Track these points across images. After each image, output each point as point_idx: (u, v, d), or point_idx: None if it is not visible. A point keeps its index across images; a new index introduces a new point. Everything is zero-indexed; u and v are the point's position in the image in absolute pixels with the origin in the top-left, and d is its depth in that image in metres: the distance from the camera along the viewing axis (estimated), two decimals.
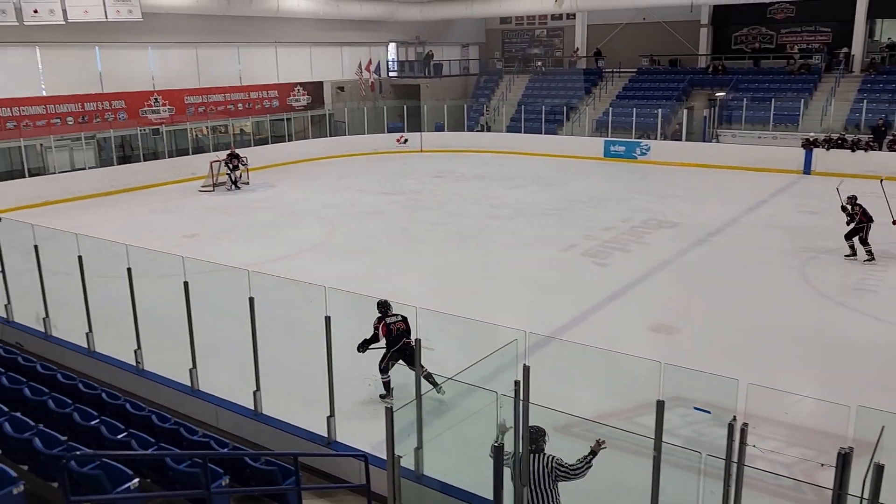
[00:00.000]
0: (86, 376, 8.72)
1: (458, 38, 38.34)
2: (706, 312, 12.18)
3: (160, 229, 18.44)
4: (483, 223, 18.58)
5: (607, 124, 29.37)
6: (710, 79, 30.25)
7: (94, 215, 20.10)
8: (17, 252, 11.40)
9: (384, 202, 21.51)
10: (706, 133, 27.75)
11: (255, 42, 29.51)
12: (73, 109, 23.81)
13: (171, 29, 26.17)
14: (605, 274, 14.34)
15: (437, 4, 34.90)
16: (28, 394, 7.02)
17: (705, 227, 17.61)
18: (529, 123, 31.32)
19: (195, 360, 8.57)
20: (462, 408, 6.68)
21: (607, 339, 10.45)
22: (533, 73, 35.53)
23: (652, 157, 27.59)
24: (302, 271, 11.71)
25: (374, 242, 17.18)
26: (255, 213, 20.40)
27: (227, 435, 7.52)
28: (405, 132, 32.19)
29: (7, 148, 22.35)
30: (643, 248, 16.02)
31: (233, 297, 8.65)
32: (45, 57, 23.52)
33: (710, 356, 10.16)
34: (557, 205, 20.66)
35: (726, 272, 14.34)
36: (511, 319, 11.07)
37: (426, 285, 13.63)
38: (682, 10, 30.71)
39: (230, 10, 26.86)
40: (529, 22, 37.88)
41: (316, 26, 31.25)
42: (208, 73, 28.16)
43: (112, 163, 24.52)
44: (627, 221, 18.31)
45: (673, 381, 5.51)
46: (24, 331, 10.75)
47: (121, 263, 9.14)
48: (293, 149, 29.82)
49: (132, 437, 6.22)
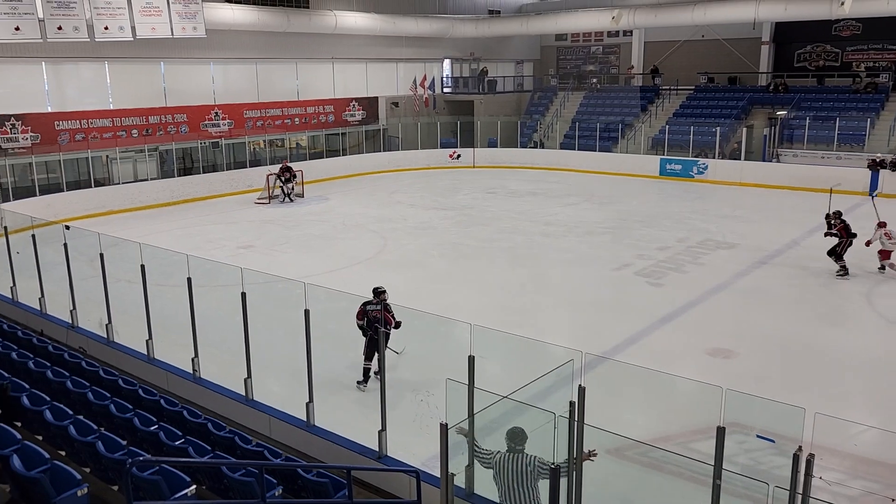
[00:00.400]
0: (145, 382, 8.94)
1: (513, 54, 38.42)
2: (765, 337, 11.84)
3: (218, 240, 18.85)
4: (535, 240, 18.48)
5: (663, 142, 28.99)
6: (770, 97, 29.62)
7: (155, 225, 20.68)
8: (82, 259, 11.78)
9: (436, 217, 21.58)
10: (766, 152, 27.14)
11: (313, 58, 30.09)
12: (137, 122, 24.61)
13: (233, 45, 26.88)
14: (660, 294, 14.09)
15: (492, 21, 35.07)
16: (91, 398, 7.23)
17: (765, 248, 17.18)
18: (583, 140, 31.12)
19: (250, 370, 8.70)
20: (514, 426, 6.63)
21: (661, 362, 10.26)
22: (588, 89, 35.33)
23: (709, 176, 27.10)
24: (353, 284, 11.78)
25: (425, 257, 17.24)
26: (309, 226, 20.69)
27: (279, 445, 7.60)
28: (458, 148, 32.32)
29: (75, 159, 23.20)
30: (700, 268, 15.70)
31: (287, 309, 8.77)
32: (113, 71, 24.40)
33: (769, 382, 9.87)
34: (611, 223, 20.42)
35: (787, 296, 13.94)
36: (562, 338, 10.98)
37: (477, 301, 13.60)
38: (742, 28, 30.18)
39: (290, 27, 27.47)
40: (585, 39, 37.74)
41: (372, 42, 31.70)
42: (267, 88, 28.81)
43: (173, 174, 25.22)
44: (683, 241, 17.98)
45: (732, 407, 5.37)
46: (87, 336, 11.07)
47: (179, 272, 9.36)
48: (347, 163, 30.23)
49: (189, 443, 6.33)
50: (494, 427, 7.36)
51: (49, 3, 18.29)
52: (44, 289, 12.09)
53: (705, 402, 6.26)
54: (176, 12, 20.46)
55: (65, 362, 8.77)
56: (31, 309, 12.25)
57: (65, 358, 8.94)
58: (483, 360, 6.67)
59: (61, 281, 11.60)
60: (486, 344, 9.00)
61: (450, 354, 8.89)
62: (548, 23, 34.23)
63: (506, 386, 5.92)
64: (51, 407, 6.62)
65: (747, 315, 12.97)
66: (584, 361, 5.99)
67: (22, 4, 17.76)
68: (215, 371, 9.45)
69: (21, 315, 12.22)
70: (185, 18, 20.80)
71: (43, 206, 19.98)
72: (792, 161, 26.34)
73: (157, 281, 10.18)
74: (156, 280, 10.16)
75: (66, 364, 8.69)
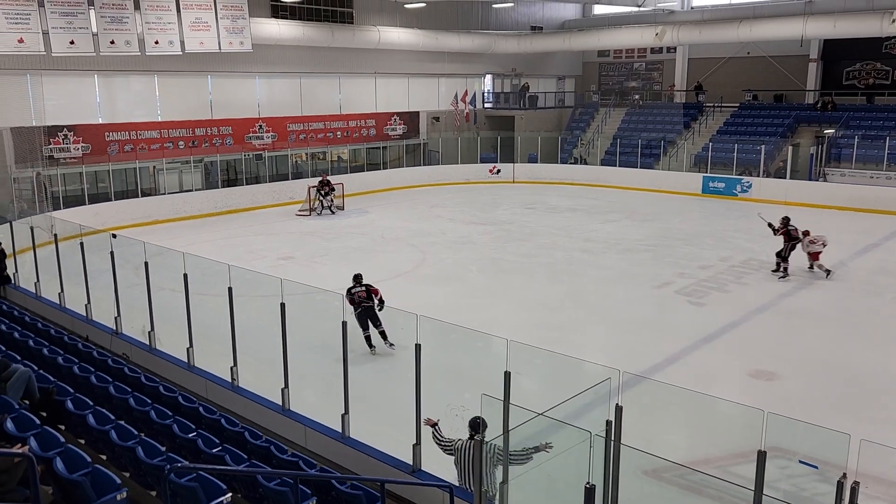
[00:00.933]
0: (185, 390, 9.07)
1: (555, 70, 38.39)
2: (809, 360, 11.55)
3: (259, 251, 19.12)
4: (574, 256, 18.36)
5: (706, 160, 28.62)
6: (818, 115, 29.04)
7: (198, 235, 21.06)
8: (128, 267, 12.05)
9: (475, 232, 21.59)
10: (812, 171, 26.59)
11: (356, 72, 30.47)
12: (184, 134, 25.17)
13: (278, 59, 27.37)
14: (701, 314, 13.86)
15: (534, 37, 35.13)
16: (133, 404, 7.36)
17: None
18: (624, 157, 30.88)
19: (287, 380, 8.77)
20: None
21: (702, 382, 10.08)
22: (630, 106, 35.11)
23: (753, 195, 26.64)
24: (392, 298, 11.84)
25: (463, 272, 17.24)
26: (349, 239, 20.86)
27: (314, 456, 7.64)
28: (498, 163, 32.35)
29: (124, 169, 23.81)
30: (743, 288, 15.41)
31: (325, 320, 8.83)
32: (162, 84, 25.03)
33: (813, 407, 9.62)
34: (652, 240, 20.19)
35: (832, 318, 13.60)
36: (600, 356, 10.85)
37: (515, 317, 13.54)
38: (789, 45, 29.70)
39: (334, 42, 27.90)
40: (628, 55, 37.54)
41: (414, 58, 31.99)
42: (310, 102, 29.24)
43: (217, 186, 25.71)
44: (726, 260, 17.68)
45: (774, 431, 5.24)
46: (130, 342, 11.29)
47: (220, 282, 9.50)
48: (387, 176, 30.47)
49: (226, 451, 6.41)
50: (532, 444, 7.31)
51: (103, 18, 18.86)
52: (90, 295, 12.38)
53: (746, 426, 6.13)
54: (224, 27, 20.93)
55: (108, 368, 8.96)
56: (77, 315, 12.56)
57: (108, 364, 9.13)
58: (519, 376, 6.63)
59: (107, 288, 11.87)
60: (523, 360, 8.94)
61: (486, 369, 8.86)
62: (590, 39, 34.15)
63: (541, 403, 5.86)
64: (94, 412, 6.76)
65: (791, 337, 12.68)
66: (621, 380, 5.91)
67: (77, 19, 18.35)
68: (253, 380, 9.55)
69: (68, 321, 12.53)
70: (233, 33, 21.25)
71: (91, 214, 20.51)
72: (840, 181, 25.76)
73: (199, 290, 10.35)
74: (198, 289, 10.33)
75: (109, 370, 8.88)
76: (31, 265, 14.25)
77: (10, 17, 17.38)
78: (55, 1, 18.01)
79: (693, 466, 7.31)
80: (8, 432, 5.63)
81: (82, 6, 18.41)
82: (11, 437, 5.56)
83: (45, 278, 13.86)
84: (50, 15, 17.96)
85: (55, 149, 22.05)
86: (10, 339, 9.35)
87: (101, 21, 18.87)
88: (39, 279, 13.96)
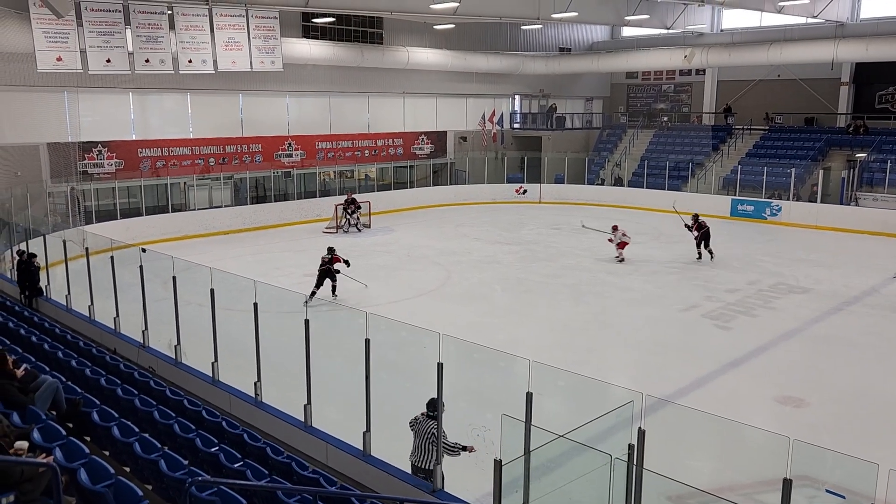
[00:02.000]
0: (209, 404, 9.13)
1: (583, 91, 38.41)
2: (839, 387, 11.34)
3: (285, 267, 19.28)
4: (599, 277, 18.25)
5: (735, 182, 28.35)
6: (849, 139, 28.68)
7: (226, 251, 21.30)
8: (156, 281, 12.21)
9: (500, 251, 21.57)
10: (844, 195, 26.22)
11: (385, 92, 30.77)
12: (215, 151, 25.57)
13: (308, 78, 27.74)
14: (728, 338, 13.67)
15: (562, 58, 35.22)
16: (157, 417, 7.43)
17: (840, 294, 16.52)
18: (652, 179, 30.72)
19: (310, 397, 8.80)
20: (570, 467, 6.50)
21: (728, 408, 9.92)
22: (658, 128, 34.97)
23: (783, 219, 26.32)
24: (415, 316, 11.86)
25: (488, 291, 17.22)
26: (374, 256, 20.95)
27: (334, 473, 7.63)
28: (524, 183, 32.35)
29: (155, 185, 24.21)
30: (771, 313, 15.19)
31: (348, 337, 8.86)
32: (194, 102, 25.50)
33: (842, 435, 9.43)
34: (679, 263, 20.01)
35: (863, 344, 13.34)
36: (624, 378, 10.76)
37: (539, 337, 13.48)
38: (820, 68, 29.42)
39: (363, 62, 28.23)
40: (656, 77, 37.44)
41: (442, 78, 32.23)
42: (339, 120, 29.57)
43: (246, 202, 26.02)
44: (754, 284, 17.46)
45: (801, 459, 5.14)
46: (157, 356, 11.42)
47: (246, 297, 9.58)
48: (414, 195, 30.61)
49: (248, 467, 6.43)
50: (551, 466, 7.25)
51: (139, 37, 19.28)
52: (119, 309, 12.56)
53: (773, 453, 6.01)
54: (256, 47, 21.26)
55: (134, 381, 9.06)
56: (106, 328, 12.73)
57: (135, 376, 9.23)
58: (541, 396, 6.59)
59: (135, 302, 12.04)
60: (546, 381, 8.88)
61: (508, 390, 8.82)
62: (619, 61, 34.17)
63: (563, 424, 5.82)
64: (118, 424, 6.83)
65: (820, 363, 12.47)
66: (644, 404, 5.85)
67: (114, 38, 18.78)
68: (276, 396, 9.59)
69: (96, 333, 12.70)
70: (265, 53, 21.58)
71: (122, 229, 20.86)
72: (872, 205, 25.37)
73: (225, 305, 10.46)
74: (225, 304, 10.43)
75: (135, 383, 8.97)
76: (63, 278, 14.51)
77: (50, 36, 17.84)
78: (93, 20, 18.46)
79: (718, 494, 7.18)
80: (34, 442, 5.71)
81: (119, 25, 18.85)
82: (38, 447, 5.63)
83: (75, 291, 14.10)
84: (88, 34, 18.40)
85: (89, 164, 22.51)
86: (40, 350, 9.50)
87: (136, 40, 19.29)
88: (70, 292, 14.20)
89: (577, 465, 5.55)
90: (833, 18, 27.25)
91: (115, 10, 18.75)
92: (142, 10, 19.19)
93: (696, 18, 30.73)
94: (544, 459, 7.20)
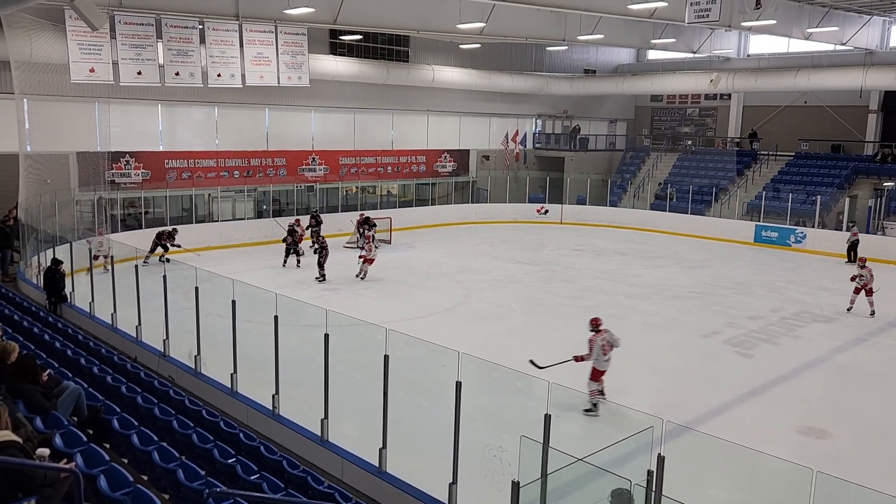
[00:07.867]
0: (227, 415, 9.17)
1: (607, 113, 38.42)
2: (863, 418, 11.14)
3: (305, 280, 19.36)
4: (619, 301, 18.12)
5: (759, 208, 28.11)
6: (877, 167, 28.37)
7: (247, 263, 21.44)
8: (178, 291, 12.34)
9: (520, 271, 21.53)
10: (871, 224, 25.90)
11: (409, 109, 30.98)
12: (240, 164, 25.84)
13: (334, 95, 28.01)
14: (750, 365, 13.50)
15: (587, 80, 35.28)
16: (176, 426, 7.47)
17: (866, 324, 16.28)
18: (675, 202, 30.57)
19: (327, 411, 8.81)
20: (587, 491, 6.44)
21: (748, 437, 9.77)
22: (682, 151, 34.84)
23: (807, 246, 26.02)
24: (434, 333, 11.84)
25: (506, 311, 17.16)
26: (394, 272, 20.98)
27: (350, 489, 7.62)
28: (546, 203, 32.33)
29: (180, 196, 24.50)
30: (794, 341, 14.99)
31: (366, 352, 8.88)
32: (221, 115, 25.82)
33: (865, 467, 9.26)
34: (700, 288, 19.84)
35: (889, 376, 13.12)
36: (643, 404, 10.65)
37: (557, 359, 13.37)
38: (848, 95, 29.23)
39: (389, 79, 28.49)
40: (681, 100, 37.37)
41: (467, 97, 32.40)
42: (363, 137, 29.80)
43: (269, 215, 26.22)
44: (777, 312, 17.25)
45: (823, 492, 5.06)
46: (177, 366, 11.50)
47: (266, 309, 9.64)
48: (435, 212, 30.69)
49: (264, 479, 6.44)
50: (567, 490, 7.18)
51: (170, 50, 19.59)
52: (141, 317, 12.68)
53: (794, 484, 5.92)
54: (284, 62, 21.49)
55: (154, 389, 9.12)
56: (127, 336, 12.86)
57: (155, 385, 9.30)
58: (559, 419, 6.55)
59: (157, 311, 12.16)
60: (564, 403, 8.83)
61: (526, 411, 8.78)
62: (643, 83, 34.16)
63: (581, 447, 5.78)
64: (138, 432, 6.88)
65: (844, 394, 12.27)
66: (664, 430, 5.80)
67: (145, 51, 19.09)
68: (293, 409, 9.61)
69: (118, 341, 12.84)
70: (292, 68, 21.80)
71: (147, 238, 21.08)
72: None
73: (245, 317, 10.52)
74: (245, 316, 10.50)
75: (155, 391, 9.04)
76: (87, 285, 14.70)
77: (84, 48, 18.17)
78: (126, 34, 18.79)
79: None
80: (56, 448, 5.77)
81: (151, 39, 19.17)
82: (59, 453, 5.69)
83: (99, 298, 14.27)
84: (121, 46, 18.72)
85: (117, 174, 22.83)
86: (64, 357, 9.61)
87: (167, 53, 19.60)
88: (94, 299, 14.37)
89: (594, 489, 5.50)
90: (862, 46, 27.06)
91: (148, 24, 19.08)
92: (173, 24, 19.51)
93: (723, 43, 30.63)
94: (561, 483, 7.15)
